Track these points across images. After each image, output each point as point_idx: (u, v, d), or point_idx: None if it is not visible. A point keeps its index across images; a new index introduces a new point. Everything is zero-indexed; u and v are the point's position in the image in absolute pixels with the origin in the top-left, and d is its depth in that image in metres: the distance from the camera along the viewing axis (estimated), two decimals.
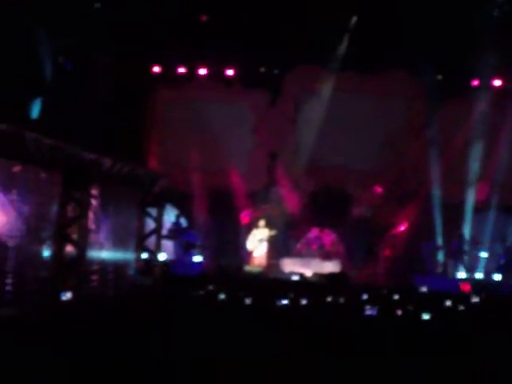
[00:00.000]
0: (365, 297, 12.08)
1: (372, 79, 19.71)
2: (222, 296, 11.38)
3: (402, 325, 8.00)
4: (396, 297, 12.37)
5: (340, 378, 4.82)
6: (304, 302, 10.82)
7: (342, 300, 11.59)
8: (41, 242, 12.35)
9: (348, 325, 7.00)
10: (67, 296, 10.91)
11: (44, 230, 12.34)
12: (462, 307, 10.78)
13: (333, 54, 19.77)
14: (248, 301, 10.74)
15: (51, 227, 12.42)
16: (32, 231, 12.01)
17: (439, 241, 19.30)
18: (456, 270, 18.48)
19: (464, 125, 19.45)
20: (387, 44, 18.31)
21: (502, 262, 18.18)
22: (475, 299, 12.42)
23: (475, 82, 19.81)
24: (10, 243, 11.57)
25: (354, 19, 19.19)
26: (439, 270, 18.78)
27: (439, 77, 19.89)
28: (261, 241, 19.01)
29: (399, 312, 9.39)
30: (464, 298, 12.44)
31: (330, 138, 19.67)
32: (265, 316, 7.66)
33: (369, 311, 9.11)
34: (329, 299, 11.71)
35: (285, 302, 10.57)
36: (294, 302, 10.79)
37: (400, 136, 19.79)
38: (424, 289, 14.65)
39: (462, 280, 17.25)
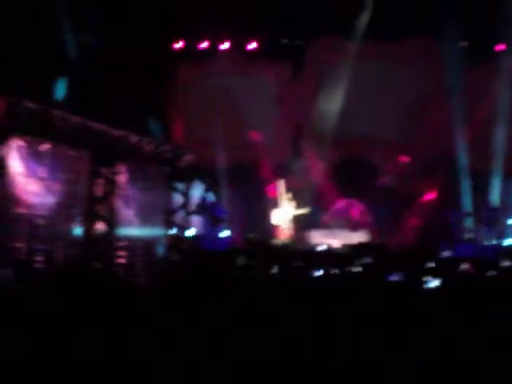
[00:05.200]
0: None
1: (394, 47, 19.54)
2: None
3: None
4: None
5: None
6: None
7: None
8: (70, 219, 12.47)
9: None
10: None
11: (73, 207, 12.44)
12: (493, 272, 10.73)
13: (355, 24, 19.66)
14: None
15: (80, 205, 12.53)
16: (62, 209, 12.12)
17: (467, 209, 19.21)
18: (486, 237, 18.37)
19: (489, 92, 19.27)
20: (409, 11, 18.18)
21: None
22: (506, 263, 12.35)
23: (500, 47, 19.59)
24: (40, 221, 11.70)
25: None
26: (468, 236, 18.67)
27: (463, 43, 19.69)
28: (289, 217, 19.00)
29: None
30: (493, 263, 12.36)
31: (353, 108, 19.56)
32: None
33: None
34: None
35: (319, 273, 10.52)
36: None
37: (424, 104, 19.62)
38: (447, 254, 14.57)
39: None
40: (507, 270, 11.22)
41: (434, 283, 8.80)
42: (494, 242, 17.90)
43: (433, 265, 11.77)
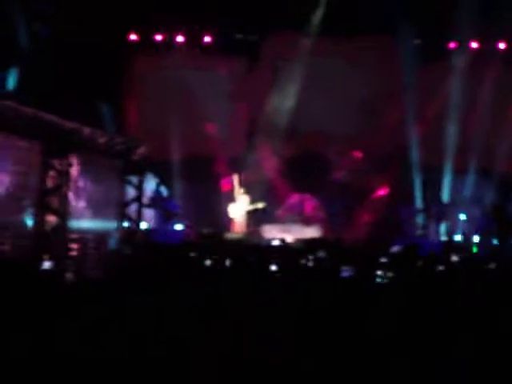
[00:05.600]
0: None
1: (348, 43, 19.65)
2: (208, 262, 11.35)
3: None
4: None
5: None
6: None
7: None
8: (21, 210, 12.31)
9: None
10: (46, 265, 10.85)
11: (24, 199, 12.29)
12: (441, 267, 10.86)
13: (309, 20, 19.74)
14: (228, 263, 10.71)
15: (31, 196, 12.38)
16: (11, 200, 11.97)
17: (418, 204, 19.44)
18: (436, 232, 18.63)
19: (442, 88, 19.51)
20: (363, 8, 18.31)
21: (480, 224, 18.37)
22: (454, 258, 12.54)
23: (452, 45, 19.85)
24: None
25: None
26: (419, 232, 18.91)
27: (416, 41, 19.88)
28: (245, 211, 18.99)
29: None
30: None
31: (308, 103, 19.65)
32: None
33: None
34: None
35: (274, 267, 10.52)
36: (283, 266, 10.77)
37: (378, 100, 19.80)
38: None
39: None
40: (455, 265, 11.37)
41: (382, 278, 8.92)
42: (444, 237, 18.18)
43: (384, 260, 11.87)
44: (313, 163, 20.21)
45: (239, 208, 19.09)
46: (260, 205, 19.07)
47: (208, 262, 11.40)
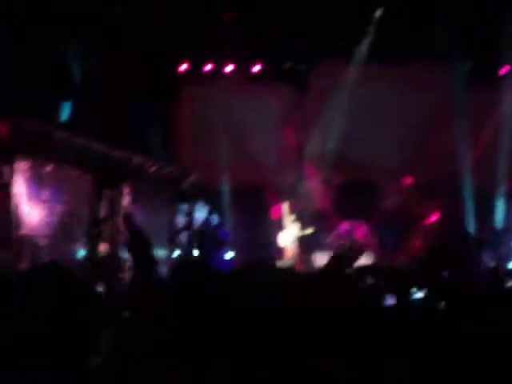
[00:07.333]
0: None
1: (397, 69, 19.60)
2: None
3: None
4: None
5: None
6: None
7: None
8: (73, 240, 12.53)
9: None
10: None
11: (77, 229, 12.51)
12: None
13: (358, 48, 19.79)
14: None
15: (84, 226, 12.59)
16: (64, 230, 12.19)
17: (471, 231, 19.18)
18: (489, 260, 18.32)
19: (494, 114, 19.34)
20: (412, 34, 18.34)
21: None
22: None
23: (503, 71, 19.68)
24: (42, 242, 11.76)
25: (380, 11, 19.17)
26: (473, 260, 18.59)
27: (466, 67, 19.78)
28: (294, 238, 18.96)
29: None
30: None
31: (356, 130, 19.65)
32: None
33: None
34: None
35: None
36: None
37: (427, 126, 19.67)
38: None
39: None
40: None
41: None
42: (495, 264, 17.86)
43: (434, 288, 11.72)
44: (362, 190, 20.16)
45: (289, 235, 19.07)
46: (309, 230, 19.05)
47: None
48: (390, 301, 8.67)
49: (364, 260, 18.14)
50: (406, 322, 5.85)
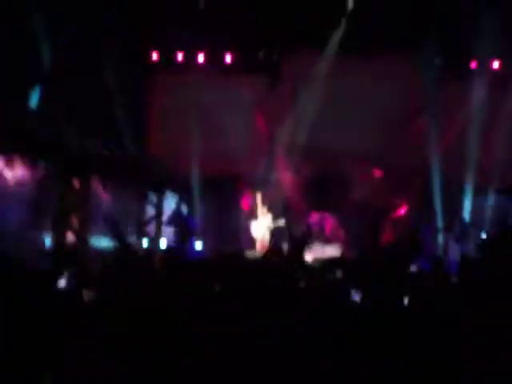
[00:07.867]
0: None
1: (369, 61, 19.61)
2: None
3: None
4: None
5: None
6: None
7: None
8: (41, 230, 12.45)
9: None
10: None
11: (44, 218, 12.43)
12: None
13: (330, 38, 19.81)
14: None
15: (51, 216, 12.51)
16: (32, 220, 12.10)
17: (439, 224, 19.32)
18: (457, 252, 18.47)
19: (463, 107, 19.43)
20: (384, 26, 18.42)
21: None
22: None
23: (473, 64, 19.78)
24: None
25: (352, 2, 19.21)
26: (439, 252, 18.77)
27: (438, 58, 19.87)
28: (267, 228, 18.92)
29: None
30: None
31: (327, 121, 19.60)
32: None
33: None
34: None
35: None
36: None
37: (398, 118, 19.73)
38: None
39: None
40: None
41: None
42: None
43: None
44: (332, 182, 20.20)
45: (262, 226, 19.03)
46: (281, 223, 19.02)
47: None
48: (356, 297, 8.71)
49: (331, 252, 18.29)
50: (369, 320, 5.90)
